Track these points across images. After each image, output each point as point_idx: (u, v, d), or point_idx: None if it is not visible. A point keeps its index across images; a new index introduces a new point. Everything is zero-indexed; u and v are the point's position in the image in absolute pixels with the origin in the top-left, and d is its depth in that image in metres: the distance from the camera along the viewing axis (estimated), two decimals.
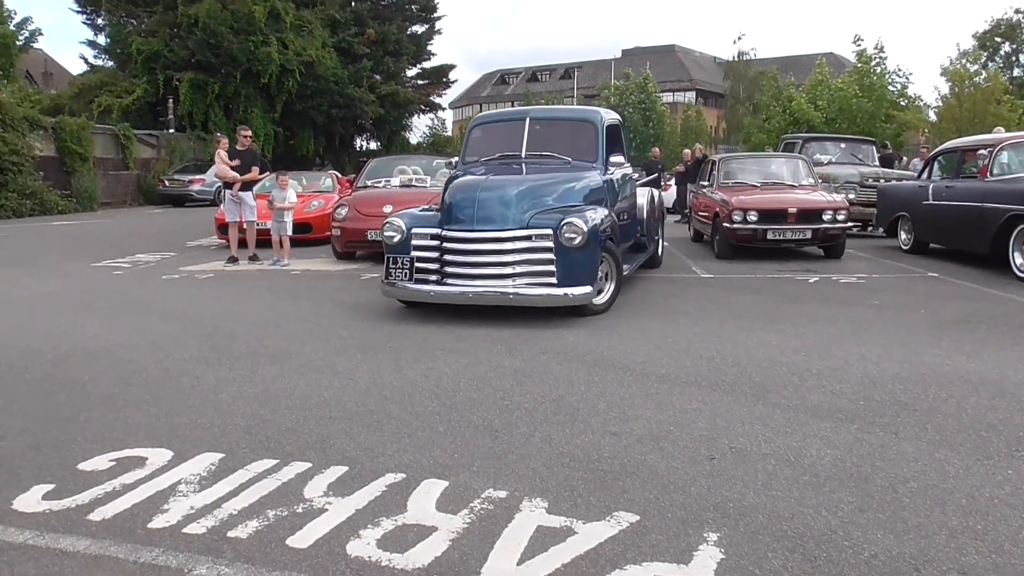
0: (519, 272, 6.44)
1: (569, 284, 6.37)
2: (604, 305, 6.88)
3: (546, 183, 7.09)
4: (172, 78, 29.84)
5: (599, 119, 8.08)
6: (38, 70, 40.92)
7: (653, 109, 33.55)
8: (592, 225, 6.45)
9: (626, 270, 7.66)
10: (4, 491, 3.28)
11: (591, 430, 3.95)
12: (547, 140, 7.86)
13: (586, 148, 7.79)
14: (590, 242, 6.39)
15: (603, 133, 7.88)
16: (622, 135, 8.79)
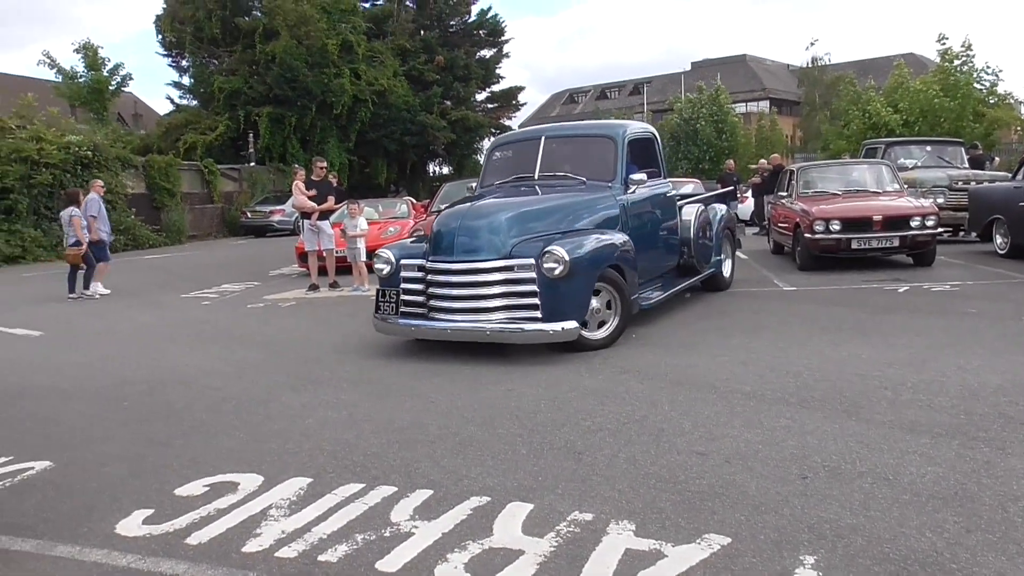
0: (501, 306, 5.96)
1: (554, 319, 5.82)
2: (603, 340, 6.22)
3: (539, 208, 6.60)
4: (252, 113, 30.98)
5: (619, 134, 7.42)
6: (128, 112, 43.05)
7: (725, 121, 33.00)
8: (578, 254, 5.89)
9: (656, 298, 7.17)
10: (107, 516, 3.41)
11: (676, 450, 3.87)
12: (563, 159, 7.40)
13: (603, 166, 7.20)
14: (575, 272, 5.82)
15: (623, 149, 7.25)
16: (657, 149, 8.07)
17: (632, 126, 8.06)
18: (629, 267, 6.57)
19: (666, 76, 59.78)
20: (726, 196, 10.43)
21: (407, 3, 36.89)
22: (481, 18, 38.78)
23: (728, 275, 9.20)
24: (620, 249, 6.49)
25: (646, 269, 7.25)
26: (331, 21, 30.87)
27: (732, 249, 9.52)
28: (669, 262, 8.02)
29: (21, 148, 19.45)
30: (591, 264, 6.06)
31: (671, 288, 7.70)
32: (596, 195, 6.94)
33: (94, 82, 27.88)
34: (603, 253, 6.26)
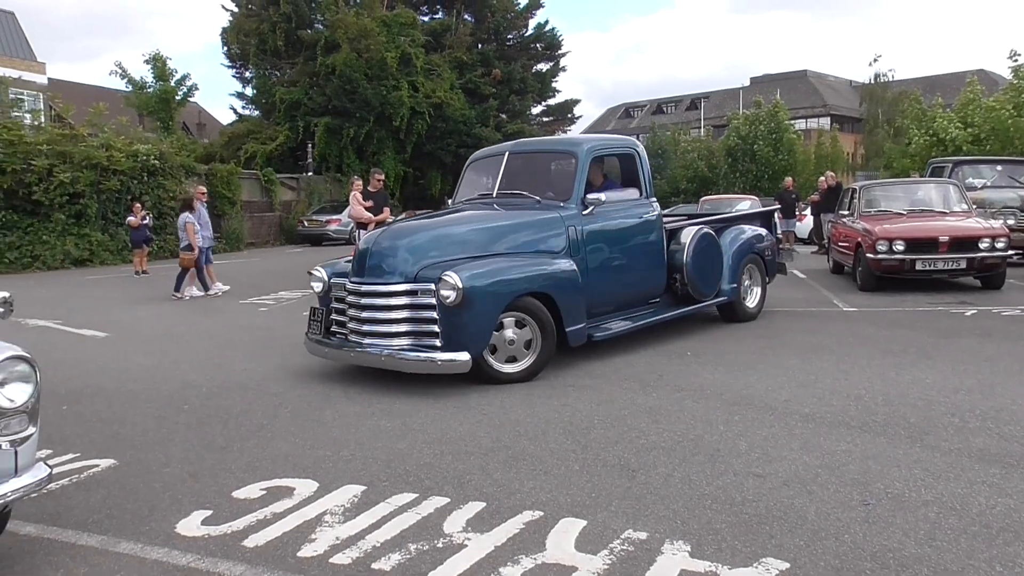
0: (405, 331, 5.69)
1: (452, 348, 5.48)
2: (520, 374, 5.76)
3: (460, 231, 6.24)
4: (311, 124, 31.59)
5: (580, 150, 6.78)
6: (193, 121, 44.36)
7: (782, 138, 32.49)
8: (476, 282, 5.46)
9: (618, 328, 6.60)
10: (168, 515, 3.49)
11: (733, 471, 3.80)
12: (524, 177, 6.94)
13: (561, 184, 6.69)
14: (473, 301, 5.42)
15: (583, 167, 6.63)
16: (639, 165, 7.25)
17: (602, 141, 7.45)
18: (567, 295, 5.99)
19: (724, 91, 59.23)
20: (766, 217, 9.22)
21: (465, 17, 37.25)
22: (538, 32, 38.95)
23: (754, 304, 8.34)
24: (549, 276, 5.94)
25: (612, 297, 6.75)
26: (391, 34, 31.35)
27: (763, 276, 8.49)
28: (647, 289, 7.23)
29: (92, 155, 20.13)
30: (495, 293, 5.59)
31: (651, 318, 7.05)
32: (539, 216, 6.42)
33: (162, 92, 28.80)
34: (514, 281, 5.73)
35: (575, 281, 6.10)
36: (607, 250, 6.68)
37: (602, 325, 6.59)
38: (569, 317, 6.03)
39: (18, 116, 24.41)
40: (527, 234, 6.25)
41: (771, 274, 8.73)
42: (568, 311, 6.02)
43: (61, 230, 19.62)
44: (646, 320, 7.00)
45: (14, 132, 19.90)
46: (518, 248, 6.13)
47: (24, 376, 2.87)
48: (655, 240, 7.18)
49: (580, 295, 6.14)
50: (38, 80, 38.98)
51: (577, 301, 6.12)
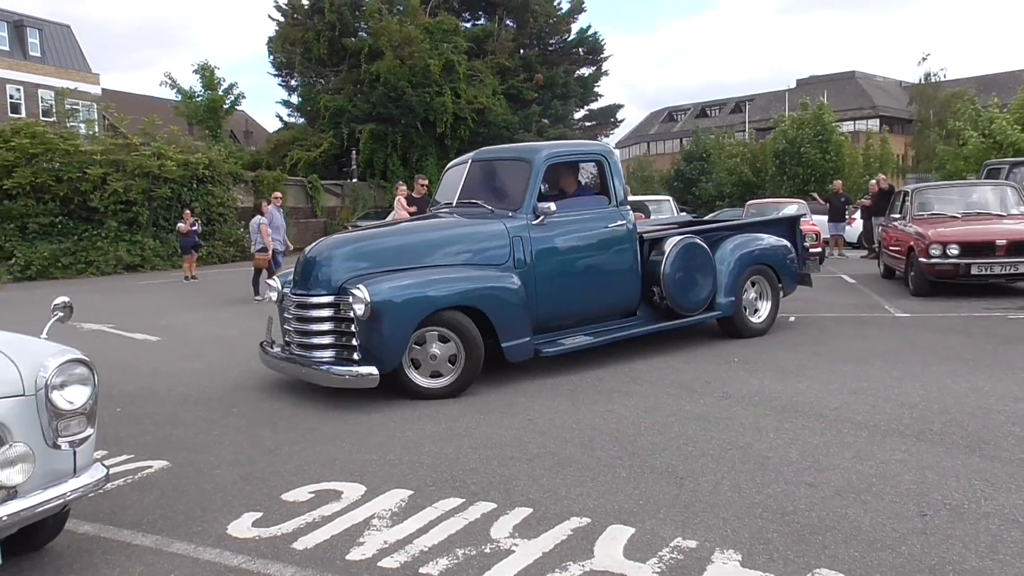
0: (330, 343, 5.61)
1: (367, 361, 5.38)
2: (441, 390, 5.59)
3: (395, 241, 6.16)
4: (355, 131, 31.97)
5: (534, 157, 6.44)
6: (240, 129, 45.29)
7: (830, 140, 31.90)
8: (385, 295, 5.32)
9: (573, 344, 6.28)
10: (220, 516, 3.54)
11: (783, 480, 3.74)
12: (482, 185, 6.77)
13: (514, 193, 6.40)
14: (384, 315, 5.30)
15: (537, 175, 6.34)
16: (607, 172, 6.77)
17: (562, 148, 7.04)
18: (501, 309, 5.77)
19: (770, 94, 58.47)
20: (788, 225, 8.47)
21: (507, 23, 37.36)
22: (581, 36, 38.89)
23: (761, 320, 7.65)
24: (478, 290, 5.72)
25: (570, 310, 6.45)
26: (434, 41, 31.58)
27: (774, 289, 7.77)
28: (616, 303, 6.79)
29: (144, 164, 20.64)
30: (408, 307, 5.43)
31: (619, 333, 6.65)
32: (480, 228, 6.22)
33: (210, 101, 29.43)
34: (432, 295, 5.56)
35: (513, 294, 5.86)
36: (562, 262, 6.34)
37: (558, 340, 6.27)
38: (505, 332, 5.80)
39: (73, 126, 25.16)
40: (466, 246, 6.06)
41: (789, 286, 8.03)
42: (504, 326, 5.79)
43: (114, 236, 20.15)
44: (612, 336, 6.57)
45: (70, 142, 20.50)
46: (456, 260, 5.95)
47: (83, 379, 2.94)
48: (624, 250, 6.69)
49: (521, 309, 5.89)
50: (93, 91, 40.16)
51: (516, 315, 5.87)
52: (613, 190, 6.76)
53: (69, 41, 43.86)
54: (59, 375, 2.85)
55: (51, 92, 34.76)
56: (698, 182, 39.02)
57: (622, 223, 6.71)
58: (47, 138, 19.97)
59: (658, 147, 65.22)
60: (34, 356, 2.88)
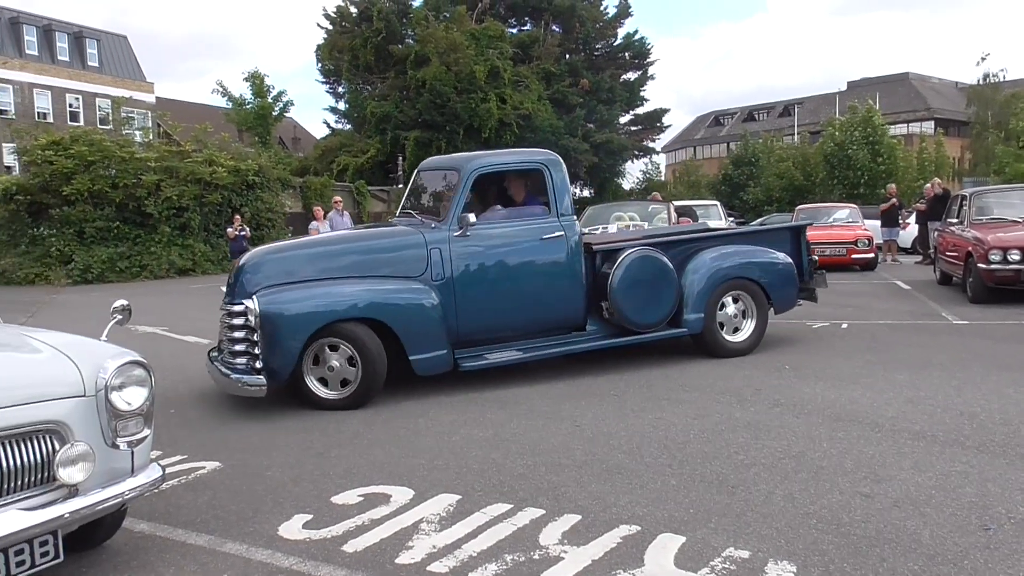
0: (243, 351, 5.57)
1: (265, 371, 5.43)
2: (341, 401, 5.61)
3: (310, 252, 6.18)
4: (401, 137, 32.28)
5: (464, 166, 6.30)
6: (288, 136, 46.04)
7: (881, 143, 31.20)
8: (277, 308, 5.40)
9: (499, 359, 6.08)
10: (271, 518, 3.59)
11: (838, 490, 3.65)
12: (423, 194, 6.79)
13: (445, 202, 6.28)
14: (273, 327, 5.37)
15: (465, 184, 6.17)
16: (549, 182, 6.42)
17: (497, 157, 6.79)
18: (408, 322, 5.71)
19: (820, 96, 57.49)
20: (790, 236, 7.65)
21: (553, 28, 37.42)
22: (627, 41, 38.77)
23: (742, 338, 6.95)
24: (381, 302, 5.68)
25: (497, 324, 6.23)
26: (479, 47, 31.77)
27: (760, 306, 7.03)
28: (554, 317, 6.45)
29: (196, 171, 21.10)
30: (299, 319, 5.45)
31: (557, 348, 6.39)
32: (396, 239, 6.22)
33: (260, 108, 30.00)
34: (326, 306, 5.55)
35: (422, 307, 5.79)
36: (486, 274, 6.14)
37: (483, 355, 6.11)
38: (413, 345, 5.72)
39: (129, 134, 25.86)
40: (383, 257, 6.03)
41: (783, 303, 7.26)
42: (411, 338, 5.72)
43: (167, 241, 20.63)
44: (547, 352, 6.33)
45: (126, 149, 21.07)
46: (371, 272, 5.91)
47: (140, 380, 3.01)
48: (562, 263, 6.34)
49: (433, 322, 5.81)
50: (147, 99, 41.25)
51: (426, 328, 5.78)
52: (555, 200, 6.41)
53: (125, 51, 45.14)
54: (118, 376, 2.92)
55: (108, 101, 35.79)
56: (746, 187, 38.52)
57: (559, 234, 6.32)
58: (104, 146, 20.54)
59: (704, 151, 64.59)
60: (94, 358, 2.95)
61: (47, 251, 19.71)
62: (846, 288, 12.16)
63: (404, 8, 34.81)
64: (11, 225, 20.63)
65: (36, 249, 19.93)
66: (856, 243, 14.80)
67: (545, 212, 6.41)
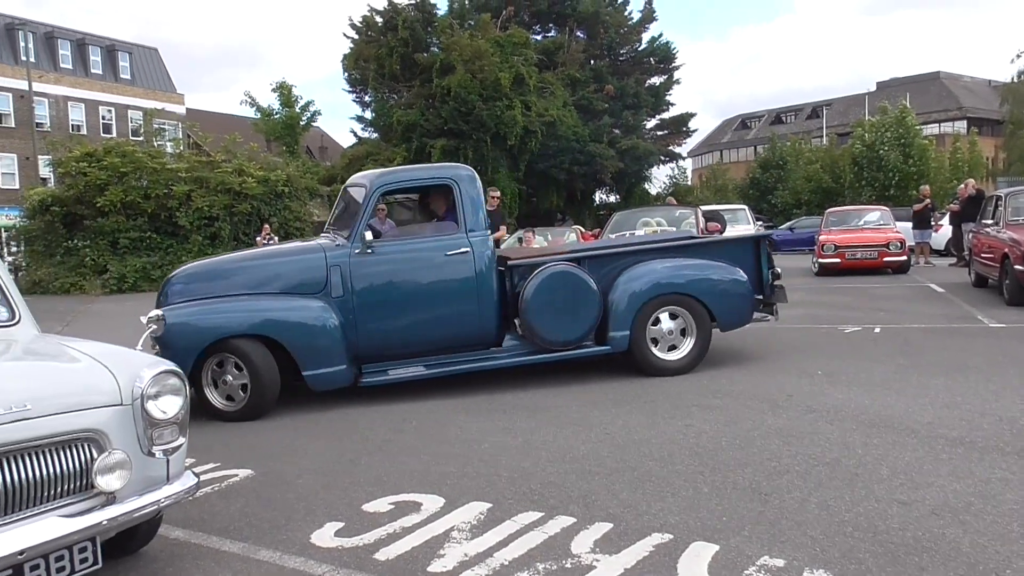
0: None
1: None
2: (234, 413, 5.83)
3: (221, 268, 6.48)
4: (427, 145, 32.42)
5: (370, 183, 6.36)
6: (316, 145, 46.49)
7: (913, 144, 30.75)
8: (174, 320, 5.62)
9: (401, 375, 6.13)
10: (303, 525, 3.61)
11: (874, 497, 3.59)
12: (344, 210, 6.80)
13: (352, 219, 6.35)
14: (167, 341, 5.58)
15: (369, 201, 6.24)
16: (457, 198, 6.36)
17: (403, 173, 6.93)
18: (301, 338, 5.81)
19: (849, 97, 56.90)
20: (748, 248, 7.05)
21: (578, 34, 37.41)
22: (652, 45, 38.65)
23: (678, 357, 6.51)
24: (271, 319, 5.81)
25: (399, 340, 6.21)
26: (504, 54, 31.83)
27: (702, 322, 6.52)
28: (462, 334, 6.33)
29: (226, 181, 21.38)
30: (190, 334, 5.65)
31: (463, 365, 6.29)
32: (297, 256, 6.41)
33: (288, 118, 30.35)
34: (213, 323, 5.73)
35: (315, 324, 5.87)
36: (387, 290, 6.17)
37: (387, 370, 6.17)
38: (307, 361, 5.83)
39: (160, 145, 26.26)
40: (285, 274, 6.16)
41: (730, 319, 6.70)
42: (304, 355, 5.83)
43: (197, 251, 20.92)
44: (453, 368, 6.28)
45: (157, 160, 21.41)
46: (275, 287, 6.09)
47: (175, 389, 3.04)
48: (469, 279, 6.25)
49: (329, 338, 5.87)
50: (178, 110, 41.89)
51: (320, 344, 5.86)
52: (462, 216, 6.34)
53: (156, 64, 45.89)
54: (153, 385, 2.96)
55: (139, 112, 36.40)
56: (774, 190, 38.19)
57: (464, 250, 6.24)
58: (136, 157, 20.90)
59: (731, 155, 64.16)
60: (130, 367, 3.00)
61: (81, 261, 20.06)
62: (878, 292, 12.00)
63: (429, 17, 34.99)
64: (47, 236, 21.04)
65: (71, 259, 20.30)
66: (888, 246, 14.58)
67: (454, 228, 6.37)
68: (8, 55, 36.86)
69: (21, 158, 35.75)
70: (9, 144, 36.28)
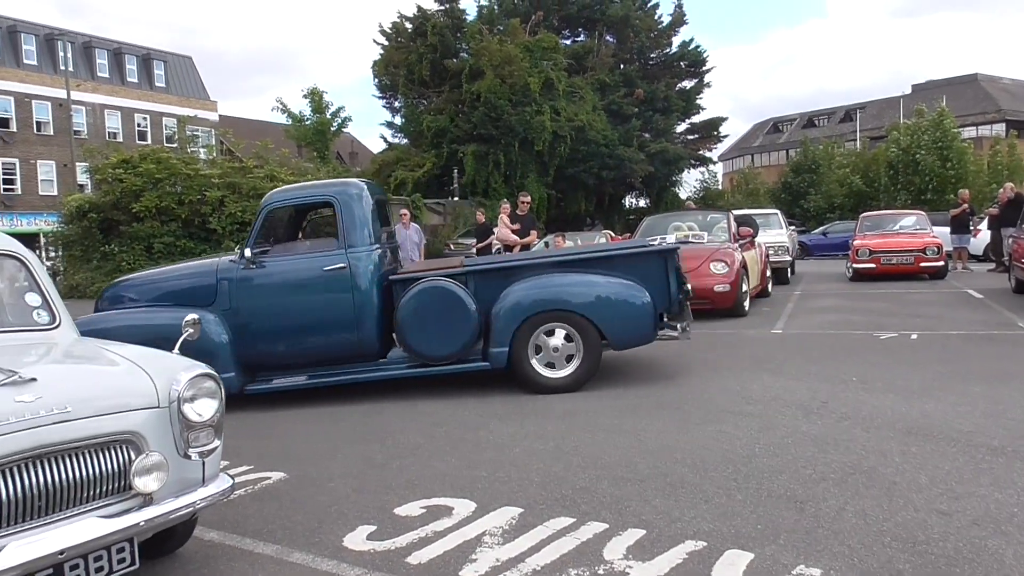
0: None
1: None
2: None
3: (137, 282, 6.95)
4: (457, 151, 32.54)
5: (265, 201, 6.75)
6: (346, 151, 46.89)
7: (951, 147, 30.19)
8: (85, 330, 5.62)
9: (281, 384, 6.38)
10: (336, 528, 3.63)
11: (913, 507, 3.53)
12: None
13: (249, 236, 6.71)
14: None
15: (260, 218, 6.59)
16: (338, 216, 6.55)
17: (290, 192, 7.17)
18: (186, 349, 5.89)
19: (883, 100, 56.12)
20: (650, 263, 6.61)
21: (607, 38, 37.35)
22: (682, 49, 38.45)
23: (562, 375, 6.35)
24: (155, 331, 5.71)
25: (281, 351, 6.46)
26: (533, 59, 31.87)
27: (589, 341, 6.30)
28: (339, 345, 6.47)
29: (258, 187, 21.59)
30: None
31: (340, 377, 6.45)
32: (195, 269, 6.98)
33: (318, 124, 30.60)
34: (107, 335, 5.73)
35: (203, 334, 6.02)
36: (268, 305, 6.40)
37: (272, 379, 6.47)
38: None
39: (194, 151, 26.64)
40: (183, 287, 6.63)
41: (622, 338, 6.45)
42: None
43: None
44: (335, 379, 6.45)
45: (191, 166, 21.70)
46: (176, 300, 6.49)
47: (211, 392, 3.08)
48: (344, 294, 6.41)
49: (213, 346, 6.11)
50: (211, 117, 42.52)
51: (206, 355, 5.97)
52: (343, 232, 6.51)
53: (190, 72, 46.62)
54: (190, 388, 2.99)
55: (174, 119, 36.97)
56: (807, 194, 37.75)
57: (341, 266, 6.40)
58: (171, 163, 21.19)
59: (762, 159, 63.58)
60: (167, 370, 3.04)
61: (117, 266, 20.37)
62: (914, 298, 11.80)
63: (458, 23, 35.14)
64: (84, 241, 21.40)
65: (107, 264, 20.62)
66: (924, 251, 14.33)
67: (333, 244, 6.56)
68: (48, 65, 37.68)
69: (59, 165, 36.50)
70: (48, 151, 37.08)
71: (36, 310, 3.62)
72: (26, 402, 2.60)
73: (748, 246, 11.48)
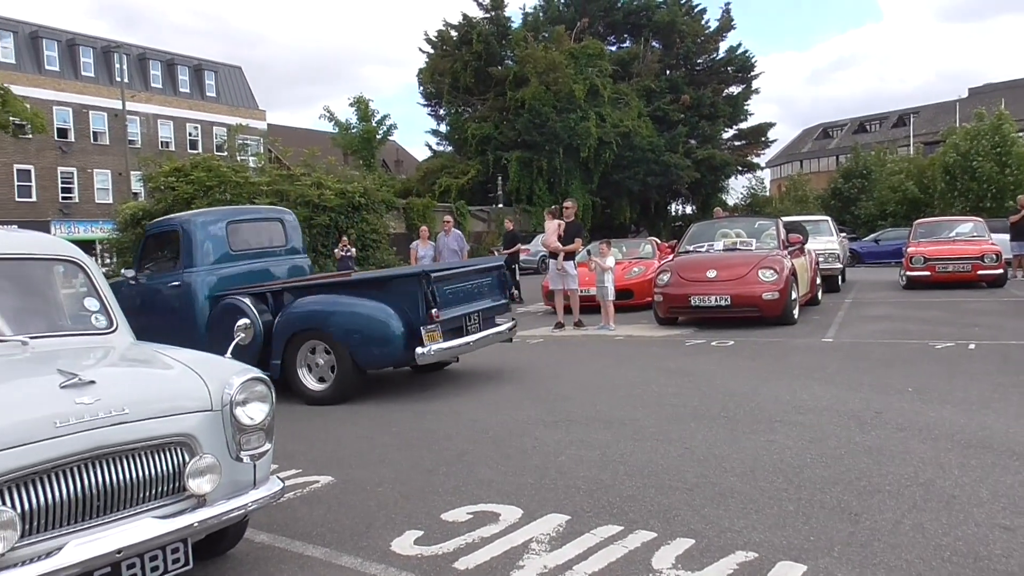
0: None
1: None
2: None
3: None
4: (501, 158, 32.68)
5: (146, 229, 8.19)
6: (391, 158, 47.40)
7: (1010, 152, 29.25)
8: None
9: None
10: (383, 532, 3.64)
11: (974, 521, 3.41)
12: None
13: None
14: None
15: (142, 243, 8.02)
16: (180, 242, 7.72)
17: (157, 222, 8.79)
18: None
19: (937, 105, 54.81)
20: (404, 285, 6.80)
21: (653, 44, 37.17)
22: (730, 55, 38.13)
23: (319, 388, 6.84)
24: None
25: None
26: (578, 66, 31.87)
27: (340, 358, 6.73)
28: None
29: (305, 194, 21.92)
30: None
31: None
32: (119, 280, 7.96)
33: (364, 132, 30.98)
34: None
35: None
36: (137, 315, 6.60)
37: None
38: None
39: (243, 159, 27.16)
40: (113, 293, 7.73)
41: (369, 359, 6.76)
42: None
43: None
44: None
45: (241, 174, 22.11)
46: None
47: (262, 396, 3.12)
48: (177, 308, 7.60)
49: None
50: (260, 126, 43.32)
51: None
52: (184, 256, 7.68)
53: (240, 82, 47.58)
54: (242, 392, 3.04)
55: (224, 128, 37.77)
56: (858, 200, 37.00)
57: (177, 284, 7.66)
58: (221, 171, 21.60)
59: (812, 165, 62.55)
60: (220, 374, 3.09)
61: None
62: (972, 307, 11.48)
63: (503, 30, 35.31)
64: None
65: None
66: (982, 258, 13.93)
67: (176, 266, 7.74)
68: (104, 76, 38.80)
69: (115, 174, 37.50)
70: (104, 161, 38.13)
71: (94, 315, 3.71)
72: (86, 404, 2.66)
73: (797, 253, 11.29)
